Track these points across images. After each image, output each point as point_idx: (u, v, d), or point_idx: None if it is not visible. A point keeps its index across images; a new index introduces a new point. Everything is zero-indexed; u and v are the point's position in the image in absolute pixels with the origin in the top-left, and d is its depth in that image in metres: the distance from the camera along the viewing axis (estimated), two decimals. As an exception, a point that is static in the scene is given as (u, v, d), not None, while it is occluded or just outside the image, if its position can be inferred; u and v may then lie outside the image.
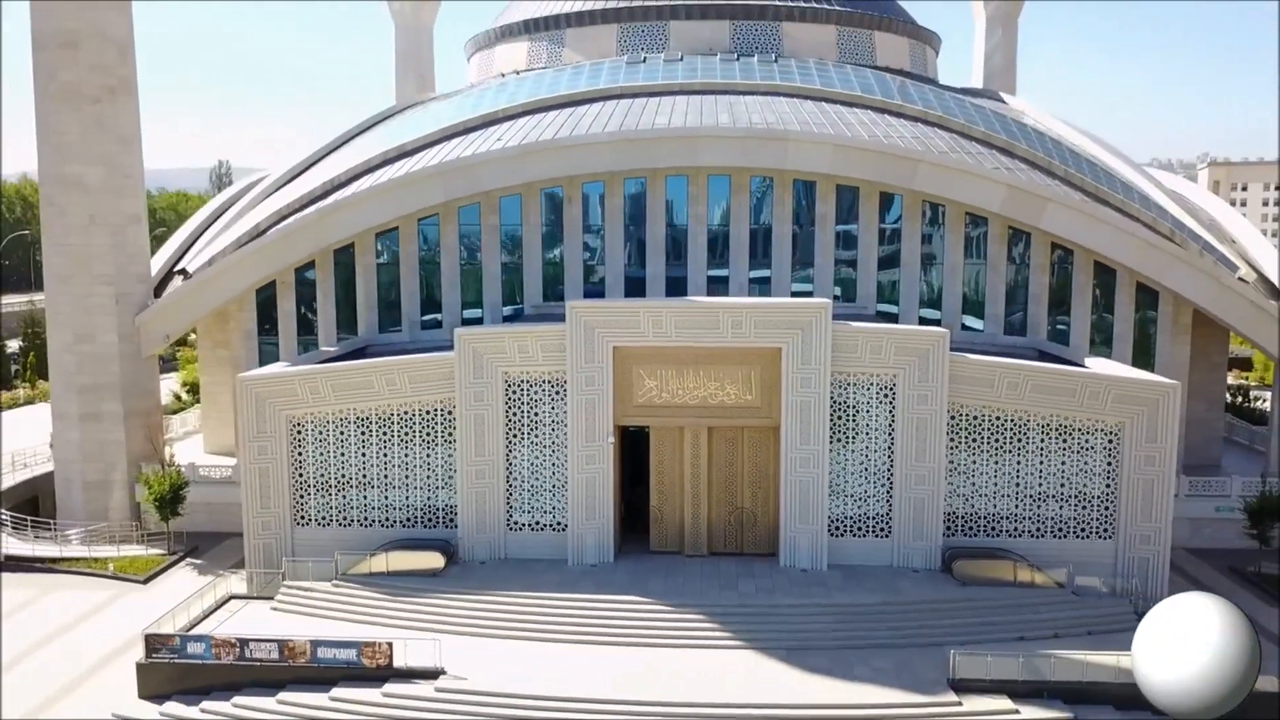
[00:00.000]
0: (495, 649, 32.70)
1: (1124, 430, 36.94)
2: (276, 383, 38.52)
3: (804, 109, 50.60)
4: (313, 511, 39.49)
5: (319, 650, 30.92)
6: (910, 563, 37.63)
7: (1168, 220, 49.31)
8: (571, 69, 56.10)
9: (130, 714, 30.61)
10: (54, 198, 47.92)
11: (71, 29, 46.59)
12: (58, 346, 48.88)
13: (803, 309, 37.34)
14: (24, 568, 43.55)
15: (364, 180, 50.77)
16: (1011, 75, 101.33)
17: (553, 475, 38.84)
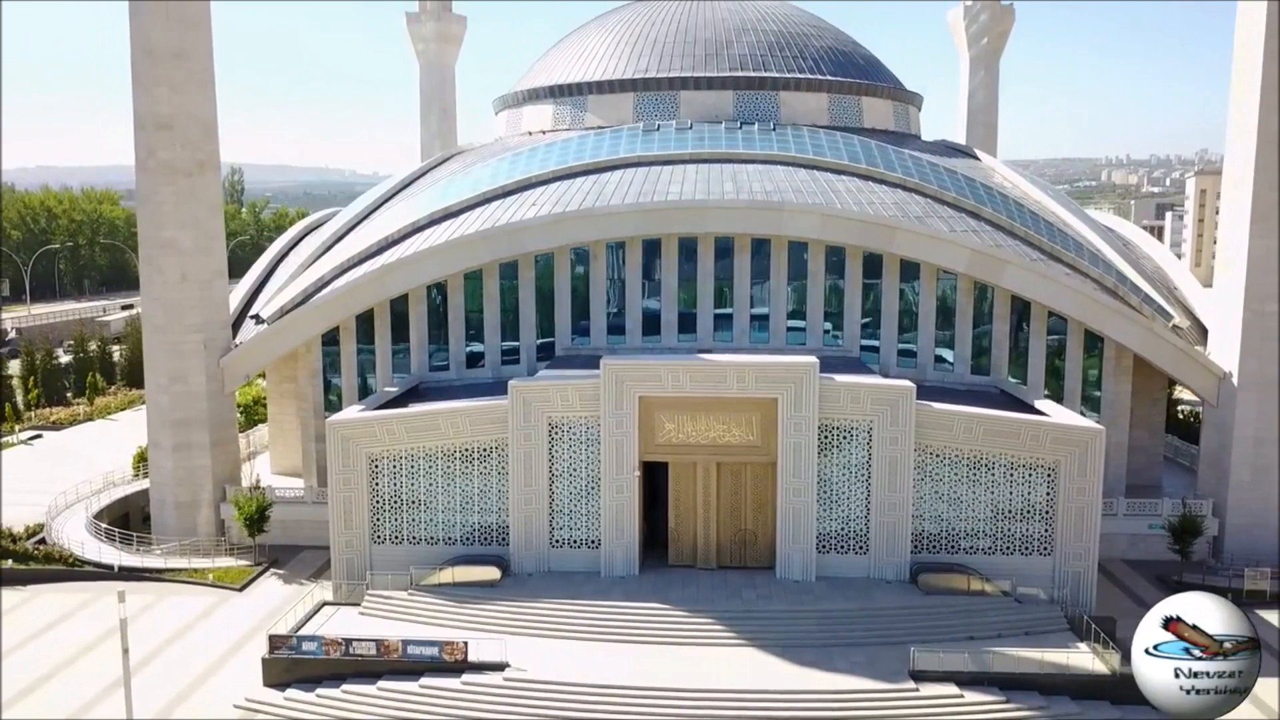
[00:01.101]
0: (546, 646, 40.54)
1: (1060, 466, 44.80)
2: (359, 426, 46.31)
3: (798, 177, 58.44)
4: (387, 531, 47.30)
5: (409, 648, 38.79)
6: (884, 575, 45.54)
7: (1113, 275, 57.17)
8: (595, 135, 63.74)
9: (259, 699, 38.46)
10: (152, 258, 55.65)
11: (167, 113, 54.32)
12: (153, 387, 56.61)
13: (795, 366, 45.14)
14: (137, 577, 51.34)
15: (415, 238, 58.59)
16: (994, 110, 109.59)
17: (588, 502, 46.68)
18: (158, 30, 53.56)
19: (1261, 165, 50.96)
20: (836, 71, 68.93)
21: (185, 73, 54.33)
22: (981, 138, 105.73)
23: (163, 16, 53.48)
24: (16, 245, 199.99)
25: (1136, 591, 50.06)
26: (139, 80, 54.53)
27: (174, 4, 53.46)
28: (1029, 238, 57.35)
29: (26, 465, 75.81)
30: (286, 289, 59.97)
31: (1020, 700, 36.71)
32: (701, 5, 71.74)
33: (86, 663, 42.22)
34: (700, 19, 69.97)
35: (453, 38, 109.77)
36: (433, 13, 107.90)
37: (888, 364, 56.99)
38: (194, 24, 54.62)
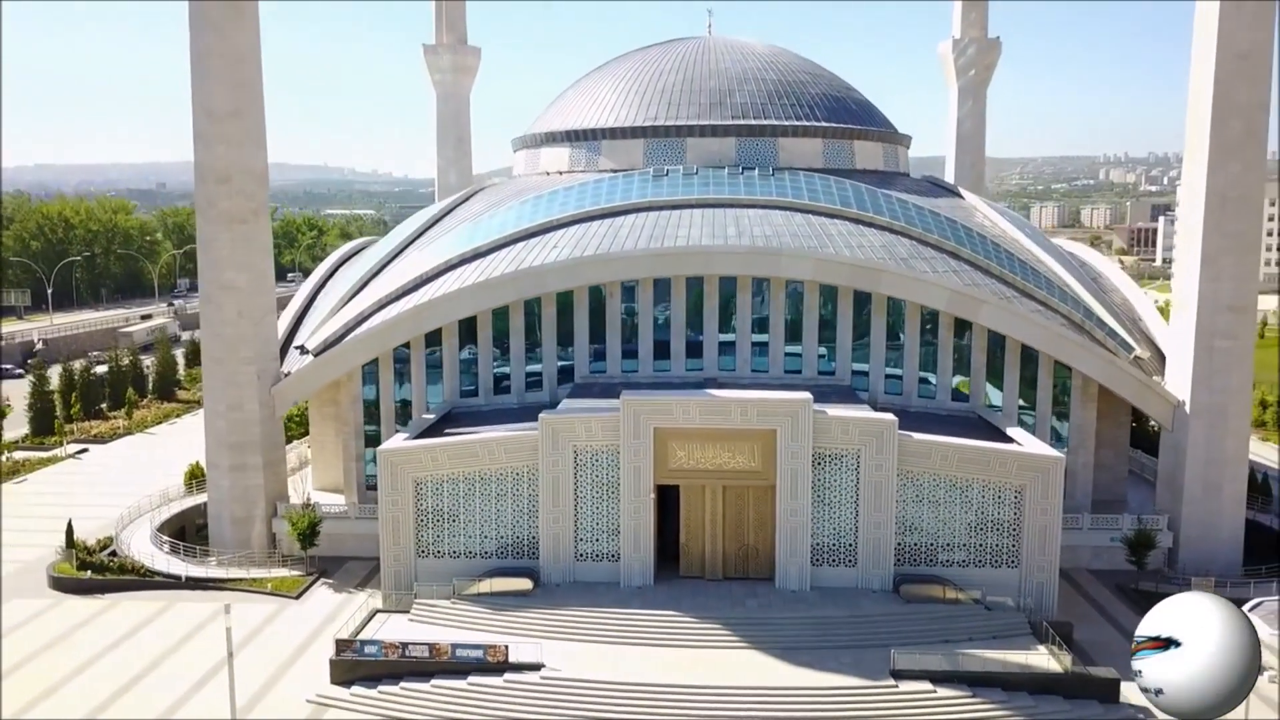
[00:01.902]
0: (575, 649, 46.48)
1: (1025, 489, 50.80)
2: (406, 454, 52.28)
3: (794, 221, 64.47)
4: (430, 546, 53.24)
5: (457, 650, 44.75)
6: (870, 585, 51.53)
7: (1080, 310, 63.25)
8: (609, 180, 69.64)
9: (328, 694, 44.43)
10: (211, 296, 61.58)
11: (225, 167, 60.24)
12: (212, 413, 62.50)
13: (792, 402, 51.12)
14: (203, 586, 57.32)
15: (448, 276, 64.60)
16: (981, 137, 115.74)
17: (608, 520, 52.63)
18: (218, 93, 59.47)
19: (1210, 218, 56.91)
20: (831, 117, 74.89)
21: (242, 131, 60.24)
22: (970, 164, 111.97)
23: (223, 81, 59.37)
24: (35, 255, 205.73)
25: (1097, 599, 56.11)
26: (200, 137, 60.45)
27: (233, 69, 59.35)
28: (1004, 276, 63.40)
29: (81, 479, 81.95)
30: (329, 323, 65.88)
31: (984, 695, 42.70)
32: (706, 55, 77.74)
33: (171, 664, 48.12)
34: (705, 69, 75.93)
35: (468, 69, 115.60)
36: (449, 45, 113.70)
37: (876, 391, 63.00)
38: (250, 87, 60.50)
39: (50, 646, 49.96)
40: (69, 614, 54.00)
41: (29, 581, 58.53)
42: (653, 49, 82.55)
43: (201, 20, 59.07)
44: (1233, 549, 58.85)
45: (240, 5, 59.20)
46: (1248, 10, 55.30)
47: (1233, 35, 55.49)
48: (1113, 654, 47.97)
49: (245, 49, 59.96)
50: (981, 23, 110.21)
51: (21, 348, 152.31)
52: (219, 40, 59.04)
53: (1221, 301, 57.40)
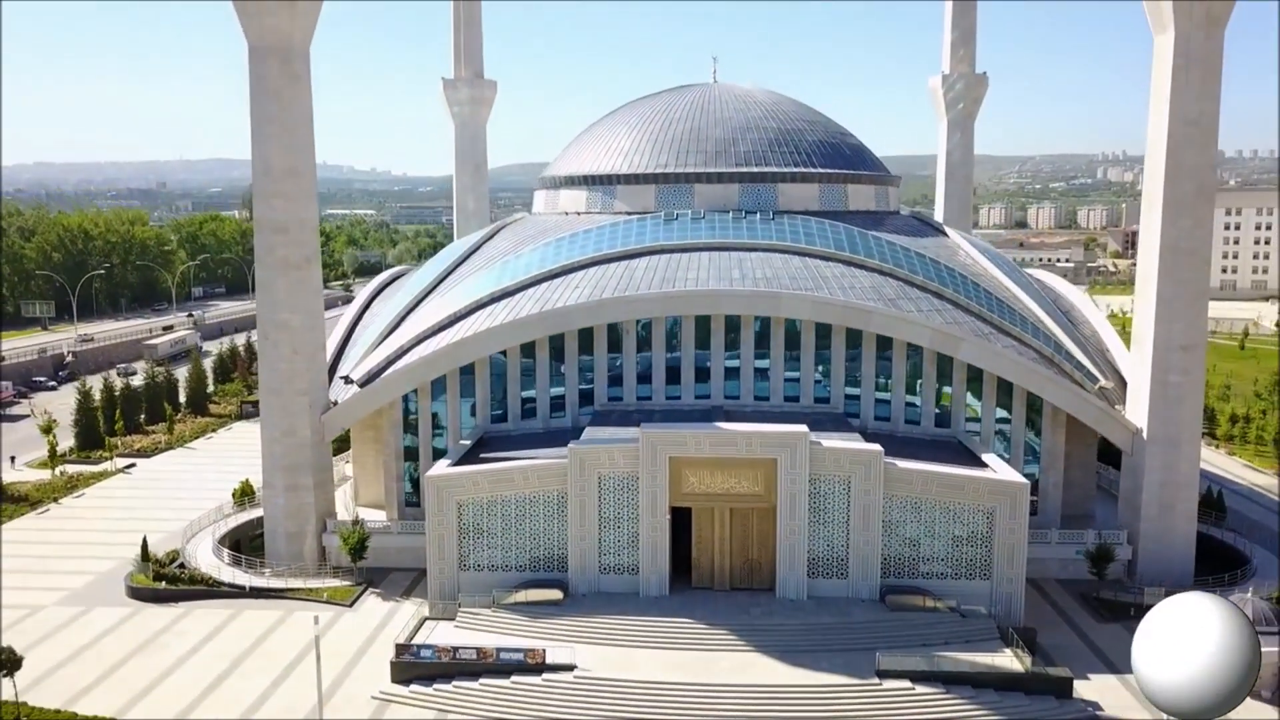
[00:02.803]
0: (602, 651, 53.36)
1: (996, 510, 57.74)
2: (450, 479, 59.20)
3: (792, 264, 71.34)
4: (471, 560, 60.14)
5: (501, 654, 51.66)
6: (860, 595, 58.47)
7: (1050, 345, 70.19)
8: (624, 224, 76.48)
9: (390, 691, 51.34)
10: (269, 334, 68.38)
11: (282, 220, 67.07)
12: (268, 438, 69.26)
13: (791, 435, 58.02)
14: (265, 595, 64.20)
15: (480, 314, 71.40)
16: (969, 166, 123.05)
17: (629, 537, 59.54)
18: (276, 154, 66.30)
19: (1164, 266, 63.78)
20: (826, 163, 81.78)
21: (297, 187, 67.09)
22: (958, 192, 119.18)
23: (280, 143, 66.19)
24: (57, 266, 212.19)
25: (1062, 606, 63.04)
26: (259, 192, 67.34)
27: (290, 132, 66.17)
28: (982, 314, 70.34)
29: (136, 494, 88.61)
30: (371, 356, 72.70)
31: (956, 693, 49.62)
32: (711, 103, 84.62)
33: (248, 665, 54.99)
34: (711, 118, 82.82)
35: (484, 101, 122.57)
36: (467, 79, 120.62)
37: (866, 418, 69.95)
38: (304, 147, 67.32)
39: (139, 650, 56.83)
40: (150, 621, 60.86)
41: (108, 591, 65.40)
42: (663, 95, 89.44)
43: (261, 87, 65.85)
44: (1185, 561, 65.76)
45: (297, 73, 65.99)
46: (1196, 81, 62.13)
47: (1183, 104, 62.35)
48: (1072, 656, 55.17)
49: (300, 114, 66.76)
50: (970, 59, 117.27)
51: (53, 360, 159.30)
52: (277, 106, 65.84)
53: (1174, 341, 64.29)
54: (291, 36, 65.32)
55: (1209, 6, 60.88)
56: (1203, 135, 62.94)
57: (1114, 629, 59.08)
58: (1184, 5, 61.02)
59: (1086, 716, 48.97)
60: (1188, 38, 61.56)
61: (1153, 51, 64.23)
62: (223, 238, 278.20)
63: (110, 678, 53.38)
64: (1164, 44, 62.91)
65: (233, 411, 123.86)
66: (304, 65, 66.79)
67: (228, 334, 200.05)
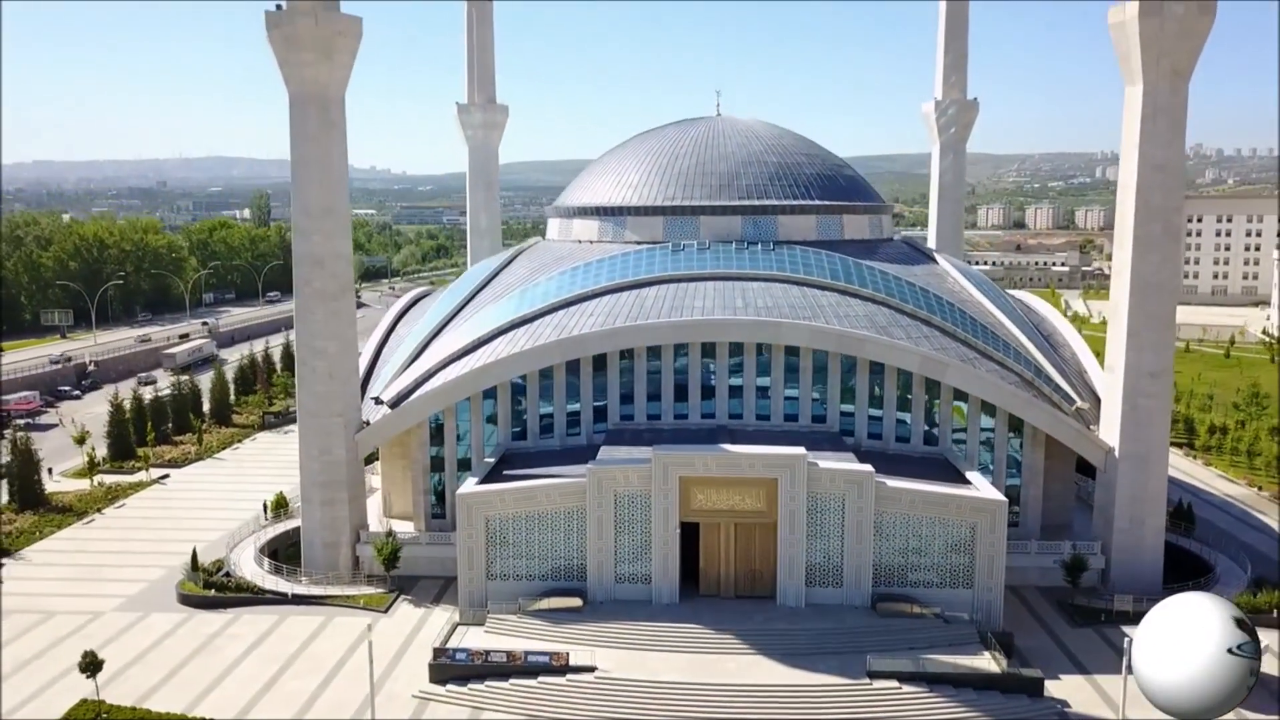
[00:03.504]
0: (619, 654, 58.88)
1: (977, 525, 63.28)
2: (479, 496, 64.74)
3: (791, 294, 76.86)
4: (498, 570, 65.65)
5: (528, 657, 57.19)
6: (853, 603, 64.01)
7: (1031, 369, 75.72)
8: (634, 254, 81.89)
9: (429, 690, 56.86)
10: (306, 360, 73.79)
11: (320, 254, 72.52)
12: (306, 456, 74.67)
13: (790, 456, 63.55)
14: (306, 602, 69.72)
15: (501, 340, 76.90)
16: (960, 188, 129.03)
17: (642, 550, 65.03)
18: (314, 194, 71.75)
19: (1134, 299, 69.21)
20: (823, 195, 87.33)
21: (334, 224, 72.56)
22: (951, 212, 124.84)
23: (318, 184, 71.64)
24: (74, 274, 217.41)
25: (1039, 612, 68.58)
26: (299, 230, 72.79)
27: (326, 174, 71.59)
28: (968, 341, 75.87)
29: (175, 505, 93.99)
30: (400, 379, 78.20)
31: (939, 692, 55.16)
32: (715, 138, 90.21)
33: (298, 666, 60.50)
34: (715, 152, 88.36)
35: (497, 125, 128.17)
36: (480, 105, 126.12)
37: (860, 437, 75.51)
38: (339, 187, 72.80)
39: (197, 653, 62.33)
40: (203, 626, 66.34)
41: (161, 598, 70.89)
42: (669, 129, 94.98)
43: (301, 133, 71.27)
44: (1154, 570, 71.25)
45: (333, 120, 71.40)
46: (1163, 130, 67.60)
47: (1151, 151, 67.81)
48: (1046, 658, 60.80)
49: (336, 157, 72.23)
50: (961, 85, 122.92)
51: (75, 369, 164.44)
52: (315, 150, 71.30)
53: (1144, 369, 69.77)
54: (328, 87, 70.76)
55: (1173, 62, 66.30)
56: (1169, 179, 68.42)
57: (1085, 633, 64.72)
58: (1151, 60, 66.44)
59: (1055, 713, 54.48)
60: (1155, 90, 67.02)
61: (1124, 101, 69.69)
62: (232, 244, 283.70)
63: (175, 678, 58.87)
64: (1134, 94, 68.37)
65: (255, 421, 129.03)
66: (339, 112, 72.22)
67: (239, 341, 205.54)
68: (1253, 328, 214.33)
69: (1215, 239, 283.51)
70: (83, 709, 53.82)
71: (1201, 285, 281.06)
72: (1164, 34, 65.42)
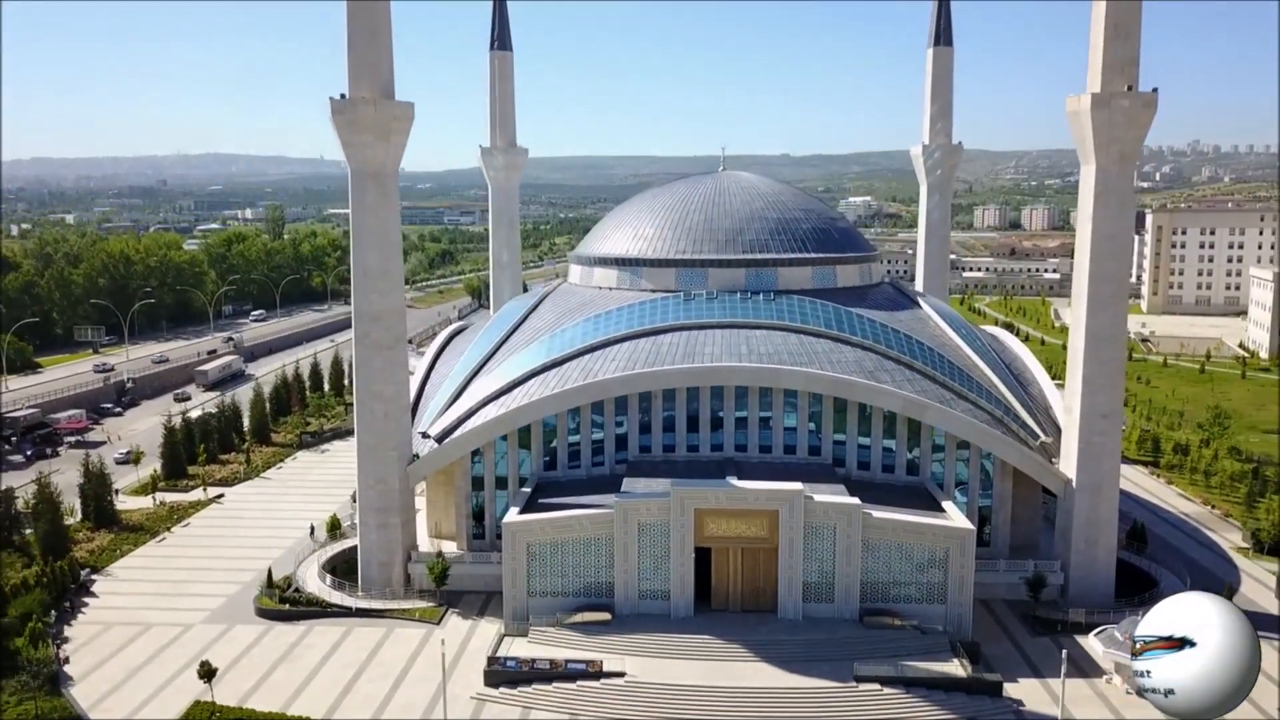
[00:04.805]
0: (644, 662, 69.31)
1: (949, 550, 73.76)
2: (522, 525, 75.20)
3: (790, 341, 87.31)
4: (537, 588, 76.07)
5: (568, 664, 67.65)
6: (844, 616, 74.50)
7: (1000, 408, 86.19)
8: (650, 302, 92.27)
9: (484, 693, 67.29)
10: (365, 402, 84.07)
11: (378, 310, 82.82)
12: (364, 485, 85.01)
13: (790, 491, 74.00)
14: (368, 615, 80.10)
15: (533, 382, 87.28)
16: (946, 225, 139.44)
17: (662, 571, 75.44)
18: (372, 257, 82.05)
19: (1089, 351, 79.54)
20: (819, 248, 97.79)
21: (390, 283, 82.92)
22: (937, 250, 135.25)
23: (375, 248, 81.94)
24: (102, 291, 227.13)
25: (1005, 623, 78.99)
26: (359, 288, 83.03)
27: (382, 239, 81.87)
28: (945, 383, 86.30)
29: (235, 523, 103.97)
30: (444, 416, 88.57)
31: (915, 694, 65.63)
32: (721, 196, 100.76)
33: (371, 671, 70.88)
34: (721, 210, 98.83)
35: (517, 166, 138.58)
36: (502, 148, 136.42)
37: (850, 468, 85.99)
38: (393, 249, 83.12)
39: (281, 661, 72.67)
40: (281, 637, 76.67)
41: (240, 611, 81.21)
42: (680, 185, 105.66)
43: (360, 204, 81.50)
44: (1107, 585, 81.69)
45: (388, 192, 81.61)
46: (1113, 205, 77.89)
47: (1102, 223, 78.12)
48: (1008, 664, 71.29)
49: (390, 223, 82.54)
50: (947, 130, 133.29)
51: (115, 386, 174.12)
52: (373, 219, 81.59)
53: (1097, 410, 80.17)
54: (385, 164, 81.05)
55: (1121, 148, 76.62)
56: (1118, 248, 78.81)
57: (1043, 641, 75.19)
58: (1102, 145, 76.70)
59: (1012, 712, 64.99)
60: (1106, 171, 77.33)
61: (1080, 178, 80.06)
62: (250, 257, 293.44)
63: (266, 682, 69.25)
64: (1088, 173, 78.71)
65: (293, 440, 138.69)
66: (393, 184, 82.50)
67: (261, 356, 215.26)
68: (1230, 340, 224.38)
69: (1199, 250, 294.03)
70: (198, 709, 64.23)
71: (1186, 295, 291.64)
72: (1112, 124, 75.67)
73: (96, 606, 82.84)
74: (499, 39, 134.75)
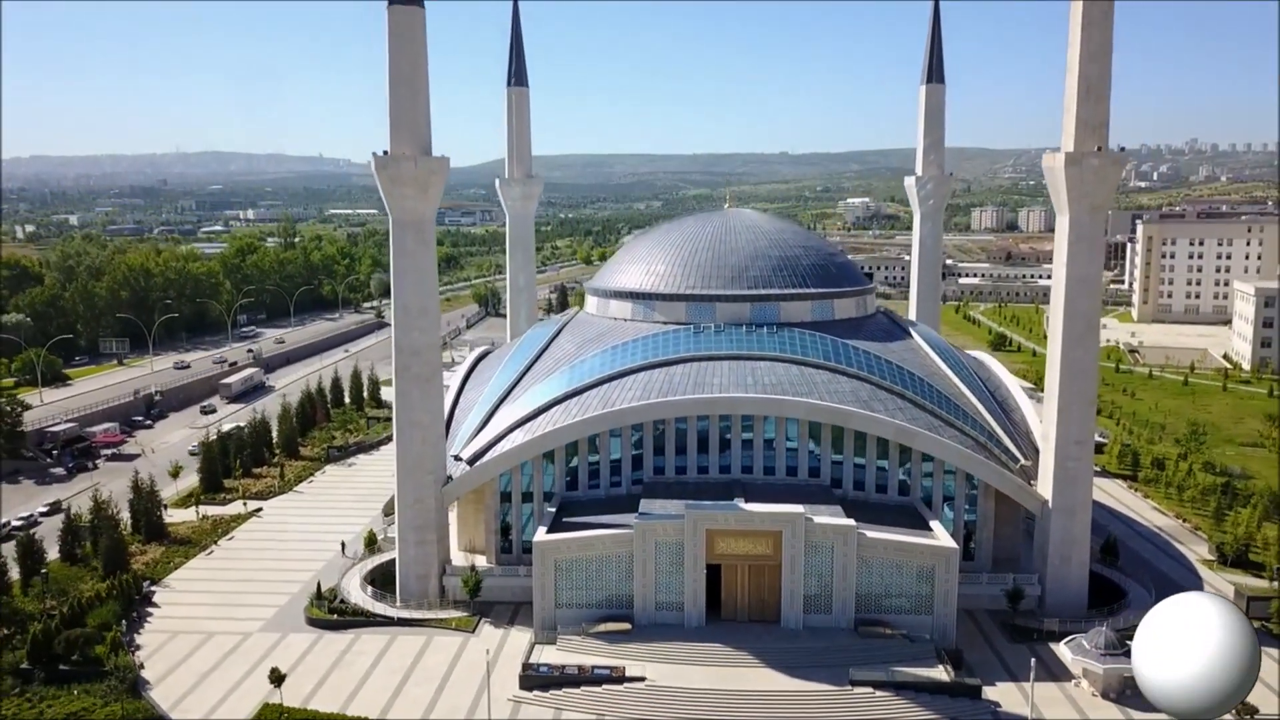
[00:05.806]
0: (662, 668, 77.40)
1: (935, 566, 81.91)
2: (551, 544, 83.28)
3: (792, 372, 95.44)
4: (563, 600, 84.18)
5: (594, 670, 75.75)
6: (840, 626, 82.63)
7: (984, 434, 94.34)
8: (662, 334, 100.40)
9: (520, 695, 75.40)
10: (404, 430, 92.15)
11: (417, 346, 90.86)
12: (403, 504, 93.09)
13: (791, 514, 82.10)
14: (408, 624, 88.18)
15: (556, 409, 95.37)
16: (938, 252, 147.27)
17: (677, 585, 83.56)
18: (411, 296, 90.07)
19: (1064, 383, 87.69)
20: (818, 283, 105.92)
21: (427, 321, 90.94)
22: (929, 276, 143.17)
23: (414, 288, 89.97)
24: (124, 303, 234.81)
25: (987, 632, 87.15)
26: (399, 325, 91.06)
27: (421, 279, 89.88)
28: (935, 412, 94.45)
29: (278, 537, 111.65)
30: (474, 440, 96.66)
31: (904, 696, 73.75)
32: (728, 234, 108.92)
33: (417, 675, 78.91)
34: (727, 247, 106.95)
35: (532, 196, 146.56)
36: (519, 179, 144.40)
37: (847, 489, 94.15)
38: (431, 289, 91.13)
39: (335, 666, 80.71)
40: (332, 644, 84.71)
41: (292, 620, 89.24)
42: (689, 222, 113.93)
43: (401, 250, 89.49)
44: (1080, 597, 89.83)
45: (426, 239, 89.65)
46: (1085, 251, 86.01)
47: (1075, 267, 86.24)
48: (988, 669, 79.36)
49: (427, 265, 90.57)
50: (939, 162, 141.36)
51: (144, 399, 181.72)
52: (412, 263, 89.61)
53: (1070, 438, 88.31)
54: (424, 213, 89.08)
55: (1092, 200, 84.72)
56: (1090, 290, 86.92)
57: (1020, 648, 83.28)
58: (1075, 198, 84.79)
59: (990, 713, 73.13)
60: (1079, 221, 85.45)
61: (1055, 226, 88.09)
62: (263, 268, 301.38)
63: (324, 685, 77.30)
64: (1062, 223, 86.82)
65: (320, 454, 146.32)
66: (430, 231, 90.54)
67: (279, 367, 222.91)
68: (1216, 351, 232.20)
69: (1189, 260, 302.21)
70: (268, 710, 72.31)
71: (1175, 304, 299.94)
72: (1084, 180, 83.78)
73: (160, 616, 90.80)
74: (516, 75, 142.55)
